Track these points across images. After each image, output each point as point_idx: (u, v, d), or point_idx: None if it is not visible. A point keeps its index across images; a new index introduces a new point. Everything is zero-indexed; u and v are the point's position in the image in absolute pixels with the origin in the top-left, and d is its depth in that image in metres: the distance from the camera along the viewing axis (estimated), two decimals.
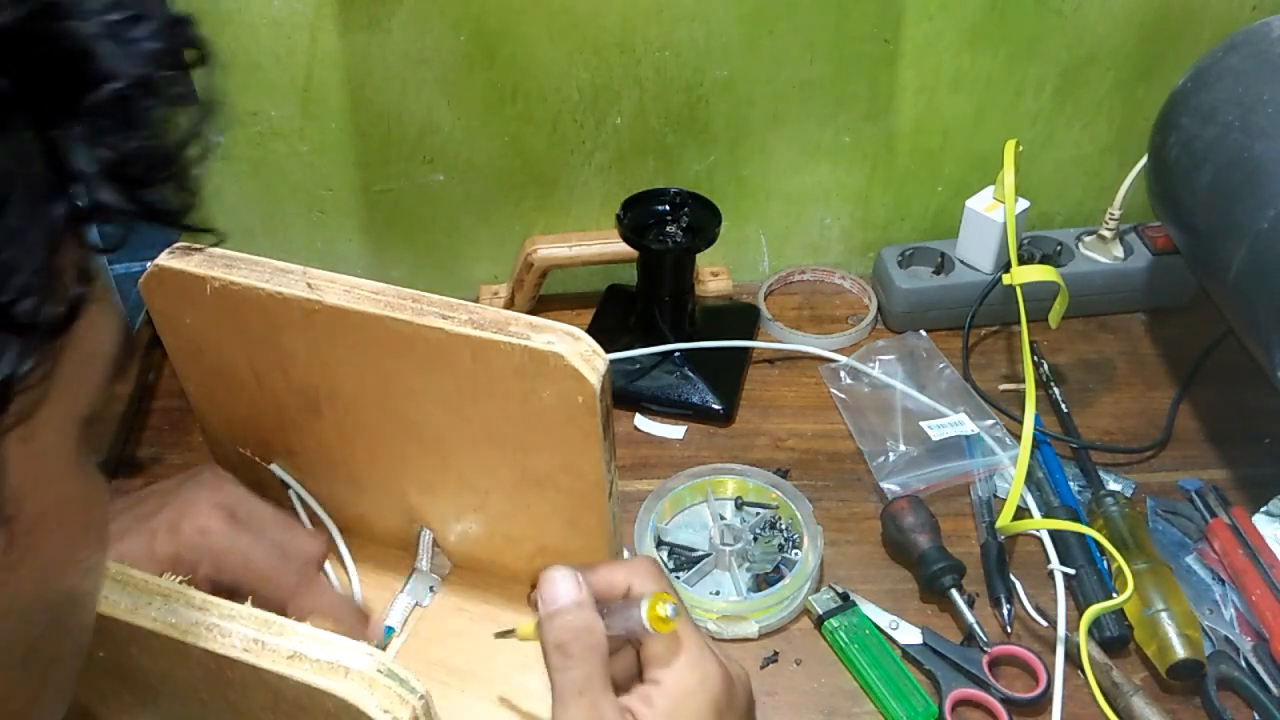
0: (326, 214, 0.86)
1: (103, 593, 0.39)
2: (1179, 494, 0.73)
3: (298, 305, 0.53)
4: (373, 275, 0.55)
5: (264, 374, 0.59)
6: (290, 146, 0.82)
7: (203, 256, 0.55)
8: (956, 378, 0.81)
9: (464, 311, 0.51)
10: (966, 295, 0.85)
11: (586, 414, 0.51)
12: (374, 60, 0.78)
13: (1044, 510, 0.71)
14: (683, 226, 0.78)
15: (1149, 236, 0.87)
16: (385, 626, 0.63)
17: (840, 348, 0.85)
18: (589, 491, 0.56)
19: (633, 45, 0.79)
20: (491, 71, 0.79)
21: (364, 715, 0.36)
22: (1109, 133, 0.88)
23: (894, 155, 0.88)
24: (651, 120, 0.83)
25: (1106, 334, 0.87)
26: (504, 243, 0.89)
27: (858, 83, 0.83)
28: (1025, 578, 0.67)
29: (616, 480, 0.56)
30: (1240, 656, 0.63)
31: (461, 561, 0.66)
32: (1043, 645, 0.64)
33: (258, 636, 0.38)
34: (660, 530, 0.70)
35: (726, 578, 0.68)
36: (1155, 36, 0.83)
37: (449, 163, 0.84)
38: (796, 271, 0.93)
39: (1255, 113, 0.65)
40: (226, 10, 0.74)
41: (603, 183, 0.87)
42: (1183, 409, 0.80)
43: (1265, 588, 0.64)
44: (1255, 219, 0.63)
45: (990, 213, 0.83)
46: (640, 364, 0.81)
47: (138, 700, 0.44)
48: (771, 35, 0.80)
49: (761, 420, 0.80)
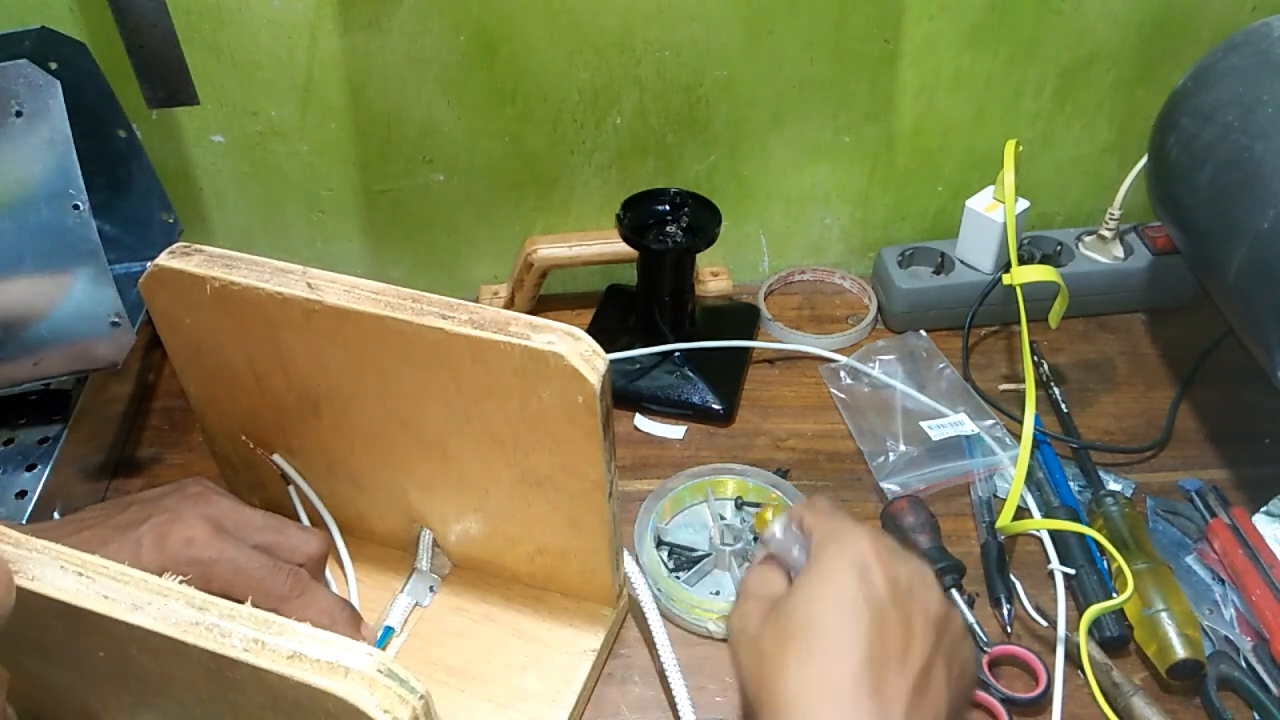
0: (326, 214, 0.86)
1: (103, 593, 0.39)
2: (1179, 494, 0.73)
3: (298, 305, 0.53)
4: (373, 275, 0.55)
5: (264, 374, 0.59)
6: (290, 146, 0.82)
7: (203, 256, 0.55)
8: (956, 378, 0.81)
9: (464, 311, 0.51)
10: (966, 295, 0.85)
11: (586, 414, 0.51)
12: (374, 60, 0.78)
13: (1044, 510, 0.71)
14: (683, 226, 0.78)
15: (1149, 236, 0.87)
16: (385, 626, 0.63)
17: (840, 348, 0.85)
18: (589, 491, 0.56)
19: (633, 45, 0.79)
20: (491, 71, 0.79)
21: (364, 715, 0.36)
22: (1109, 133, 0.88)
23: (894, 155, 0.88)
24: (651, 120, 0.83)
25: (1106, 334, 0.87)
26: (504, 243, 0.89)
27: (858, 83, 0.83)
28: (1025, 578, 0.67)
29: (616, 480, 0.56)
30: (1240, 656, 0.63)
31: (461, 561, 0.66)
32: (1043, 645, 0.64)
33: (258, 636, 0.38)
34: (660, 530, 0.70)
35: (726, 577, 0.68)
36: (1155, 36, 0.83)
37: (449, 163, 0.84)
38: (796, 271, 0.93)
39: (1255, 113, 0.65)
40: (226, 10, 0.74)
41: (603, 183, 0.87)
42: (1183, 409, 0.80)
43: (1265, 588, 0.64)
44: (1255, 219, 0.63)
45: (990, 213, 0.83)
46: (640, 364, 0.81)
47: (138, 700, 0.44)
48: (771, 35, 0.80)
49: (761, 420, 0.80)
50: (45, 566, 0.40)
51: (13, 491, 0.66)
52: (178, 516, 0.54)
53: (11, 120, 0.62)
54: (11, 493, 0.66)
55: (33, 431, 0.70)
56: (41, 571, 0.40)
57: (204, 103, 0.76)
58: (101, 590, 0.39)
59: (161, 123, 0.80)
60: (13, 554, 0.40)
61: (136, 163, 0.76)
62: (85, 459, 0.73)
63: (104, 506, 0.58)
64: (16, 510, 0.65)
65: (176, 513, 0.55)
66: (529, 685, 0.60)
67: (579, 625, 0.63)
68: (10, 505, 0.65)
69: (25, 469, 0.68)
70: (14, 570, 0.39)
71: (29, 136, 0.62)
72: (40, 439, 0.70)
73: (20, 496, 0.66)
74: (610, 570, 0.61)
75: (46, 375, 0.68)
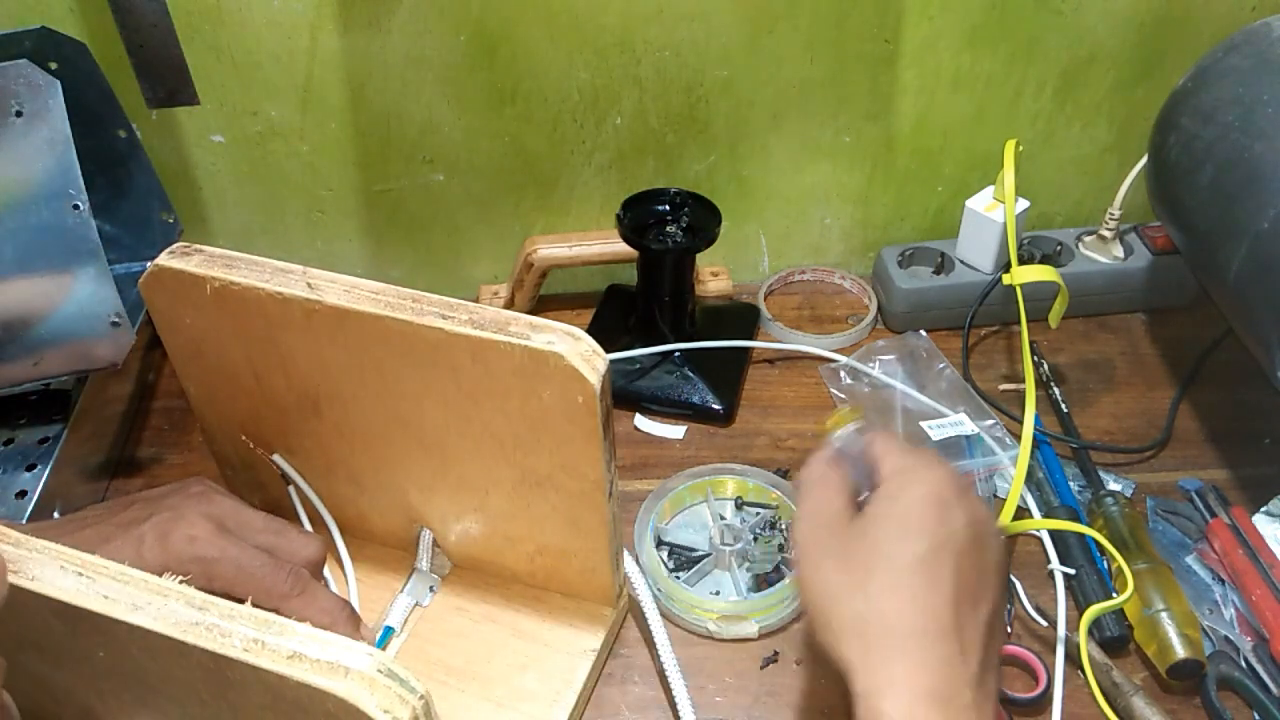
0: (326, 214, 0.86)
1: (103, 593, 0.39)
2: (1179, 494, 0.73)
3: (298, 305, 0.53)
4: (373, 275, 0.55)
5: (264, 374, 0.59)
6: (290, 146, 0.82)
7: (203, 256, 0.55)
8: (956, 378, 0.81)
9: (464, 311, 0.51)
10: (966, 295, 0.85)
11: (586, 414, 0.51)
12: (374, 60, 0.78)
13: (1044, 510, 0.71)
14: (683, 226, 0.78)
15: (1149, 236, 0.87)
16: (385, 626, 0.63)
17: (840, 348, 0.85)
18: (589, 491, 0.56)
19: (633, 45, 0.79)
20: (491, 71, 0.79)
21: (364, 715, 0.36)
22: (1109, 133, 0.88)
23: (894, 155, 0.88)
24: (651, 120, 0.83)
25: (1106, 334, 0.87)
26: (504, 243, 0.89)
27: (858, 83, 0.83)
28: (1025, 578, 0.67)
29: (616, 480, 0.56)
30: (1240, 656, 0.63)
31: (461, 561, 0.66)
32: (1043, 645, 0.64)
33: (258, 636, 0.38)
34: (660, 530, 0.70)
35: (727, 577, 0.68)
36: (1155, 36, 0.83)
37: (449, 163, 0.84)
38: (796, 271, 0.93)
39: (1255, 113, 0.65)
40: (226, 10, 0.74)
41: (603, 183, 0.87)
42: (1183, 409, 0.80)
43: (1265, 588, 0.64)
44: (1255, 219, 0.63)
45: (990, 213, 0.83)
46: (640, 364, 0.81)
47: (138, 700, 0.44)
48: (771, 35, 0.80)
49: (761, 420, 0.80)
50: (45, 566, 0.40)
51: (13, 491, 0.66)
52: (180, 515, 0.54)
53: (11, 120, 0.62)
54: (11, 493, 0.66)
55: (33, 431, 0.70)
56: (41, 571, 0.40)
57: (204, 103, 0.76)
58: (101, 590, 0.39)
59: (161, 123, 0.80)
60: (13, 554, 0.40)
61: (136, 163, 0.76)
62: (85, 459, 0.73)
63: (105, 505, 0.58)
64: (16, 510, 0.65)
65: (179, 511, 0.55)
66: (529, 685, 0.60)
67: (579, 625, 0.63)
68: (10, 505, 0.65)
69: (25, 469, 0.68)
70: (14, 570, 0.40)
71: (29, 136, 0.62)
72: (40, 439, 0.70)
73: (20, 496, 0.66)
74: (610, 570, 0.61)
75: (46, 375, 0.68)
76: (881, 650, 0.44)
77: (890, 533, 0.47)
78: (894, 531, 0.47)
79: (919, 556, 0.45)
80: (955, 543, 0.46)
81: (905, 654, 0.44)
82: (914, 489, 0.48)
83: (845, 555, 0.47)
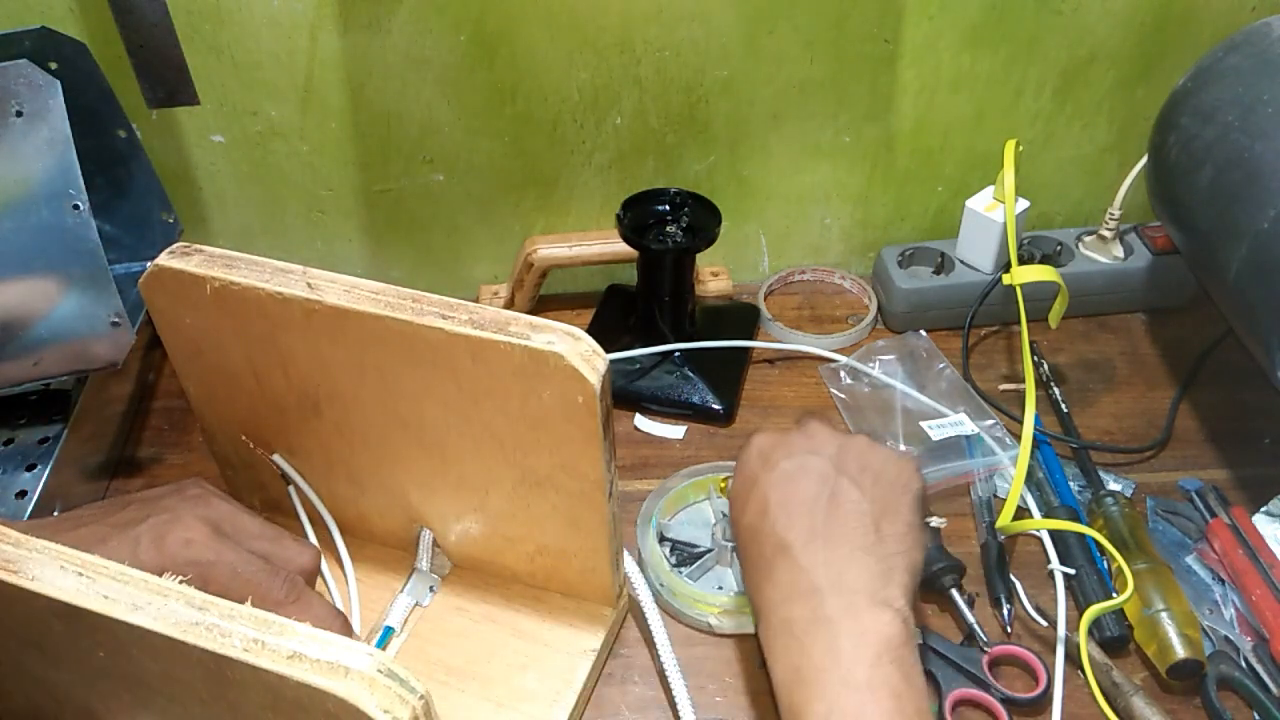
0: (326, 214, 0.86)
1: (103, 593, 0.39)
2: (1179, 494, 0.73)
3: (298, 305, 0.53)
4: (373, 275, 0.55)
5: (264, 374, 0.59)
6: (290, 146, 0.82)
7: (203, 256, 0.55)
8: (956, 378, 0.81)
9: (464, 311, 0.51)
10: (966, 295, 0.85)
11: (586, 414, 0.51)
12: (374, 60, 0.78)
13: (1044, 510, 0.71)
14: (683, 226, 0.78)
15: (1149, 236, 0.87)
16: (385, 626, 0.63)
17: (840, 348, 0.85)
18: (589, 491, 0.56)
19: (633, 45, 0.79)
20: (491, 71, 0.79)
21: (364, 715, 0.36)
22: (1109, 133, 0.88)
23: (894, 155, 0.88)
24: (651, 120, 0.83)
25: (1106, 334, 0.87)
26: (504, 243, 0.89)
27: (858, 83, 0.83)
28: (1025, 578, 0.67)
29: (616, 480, 0.56)
30: (1240, 656, 0.63)
31: (461, 561, 0.66)
32: (1043, 645, 0.64)
33: (258, 636, 0.38)
34: (663, 526, 0.70)
35: (728, 573, 0.68)
36: (1155, 36, 0.83)
37: (449, 163, 0.84)
38: (796, 271, 0.93)
39: (1255, 113, 0.65)
40: (226, 10, 0.74)
41: (603, 183, 0.87)
42: (1183, 409, 0.80)
43: (1265, 588, 0.64)
44: (1255, 219, 0.63)
45: (990, 213, 0.83)
46: (640, 364, 0.81)
47: (138, 700, 0.44)
48: (771, 35, 0.80)
49: (762, 420, 0.80)
50: (45, 566, 0.40)
51: (13, 491, 0.66)
52: (177, 517, 0.54)
53: (11, 120, 0.62)
54: (11, 493, 0.66)
55: (33, 431, 0.70)
56: (41, 571, 0.40)
57: (204, 103, 0.76)
58: (101, 590, 0.39)
59: (161, 123, 0.80)
60: (13, 553, 0.40)
61: (136, 163, 0.76)
62: (85, 459, 0.73)
63: (102, 505, 0.58)
64: (16, 510, 0.65)
65: (176, 513, 0.55)
66: (529, 685, 0.60)
67: (579, 625, 0.63)
68: (10, 505, 0.65)
69: (25, 469, 0.68)
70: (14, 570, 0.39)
71: (29, 136, 0.62)
72: (40, 439, 0.70)
73: (20, 496, 0.66)
74: (610, 570, 0.61)
75: (46, 375, 0.68)
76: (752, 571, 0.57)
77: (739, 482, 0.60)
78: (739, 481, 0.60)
79: (748, 493, 0.58)
80: (773, 476, 0.58)
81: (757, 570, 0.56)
82: (746, 451, 0.61)
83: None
